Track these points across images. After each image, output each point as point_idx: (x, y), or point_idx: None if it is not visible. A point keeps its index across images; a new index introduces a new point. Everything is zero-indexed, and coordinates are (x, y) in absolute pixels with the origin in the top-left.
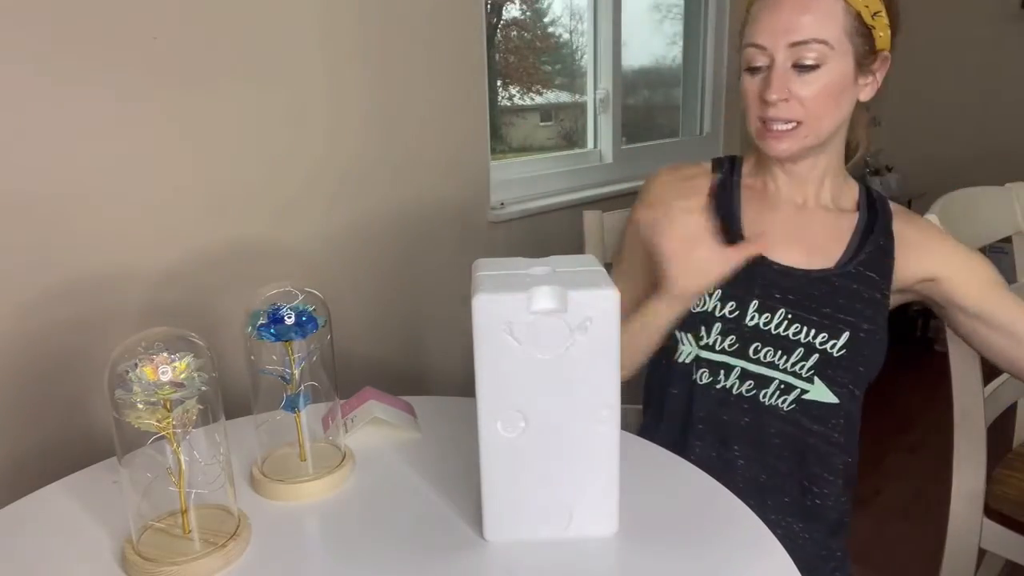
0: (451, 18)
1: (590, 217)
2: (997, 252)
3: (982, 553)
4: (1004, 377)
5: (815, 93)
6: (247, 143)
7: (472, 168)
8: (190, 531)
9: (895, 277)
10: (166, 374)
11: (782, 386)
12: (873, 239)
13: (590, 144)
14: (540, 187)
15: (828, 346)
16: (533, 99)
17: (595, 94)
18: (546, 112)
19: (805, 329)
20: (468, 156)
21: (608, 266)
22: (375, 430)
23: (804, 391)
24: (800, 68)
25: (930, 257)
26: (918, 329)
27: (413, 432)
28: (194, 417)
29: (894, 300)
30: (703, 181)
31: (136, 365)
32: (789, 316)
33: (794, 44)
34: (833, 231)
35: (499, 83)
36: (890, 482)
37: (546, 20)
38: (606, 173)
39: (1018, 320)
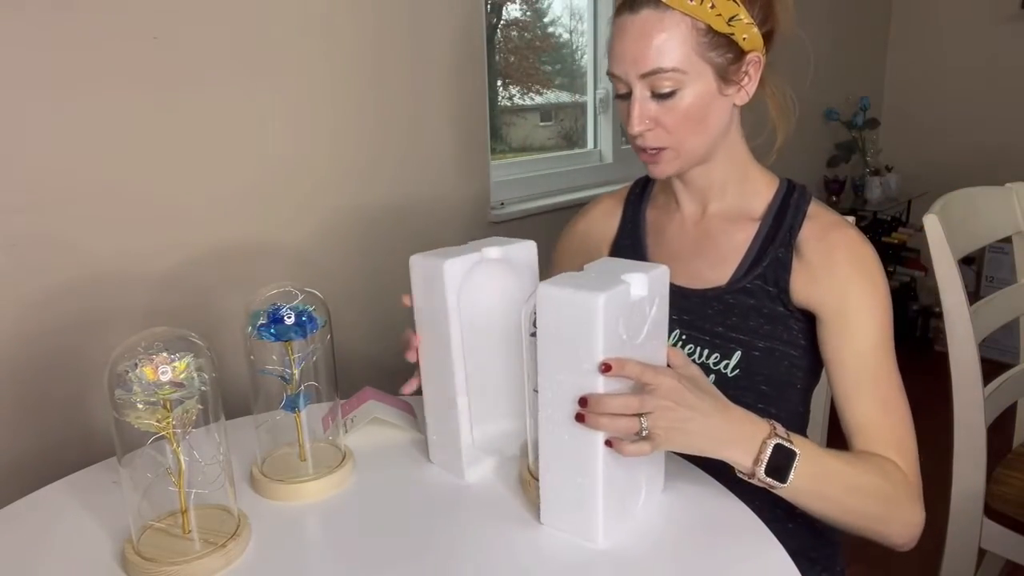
0: (451, 18)
1: None
2: (997, 252)
3: (982, 553)
4: (1004, 377)
5: (676, 119)
6: (247, 143)
7: (472, 168)
8: (190, 531)
9: (791, 287)
10: (166, 374)
11: None
12: (773, 250)
13: (590, 144)
14: (540, 187)
15: (721, 366)
16: (533, 99)
17: (595, 94)
18: (546, 112)
19: (698, 350)
20: (468, 156)
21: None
22: (375, 430)
23: None
24: (657, 96)
25: (817, 289)
26: (918, 329)
27: (413, 432)
28: (194, 417)
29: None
30: (618, 206)
31: (136, 365)
32: (683, 337)
33: (644, 75)
34: (729, 244)
35: (499, 83)
36: None
37: (546, 20)
38: (606, 173)
39: (850, 408)
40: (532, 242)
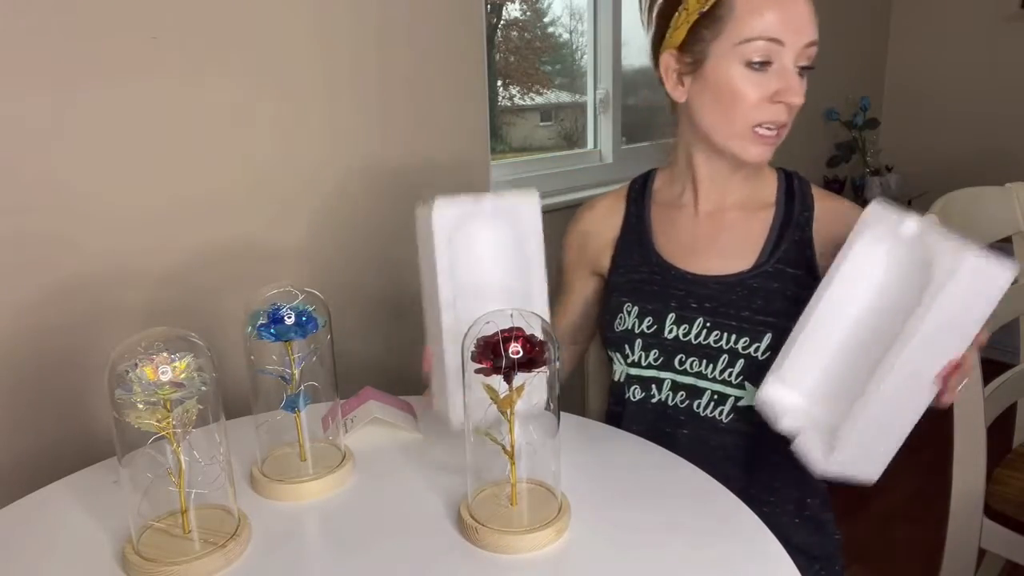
0: (451, 18)
1: None
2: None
3: (982, 553)
4: (1004, 377)
5: (802, 97)
6: (247, 143)
7: (472, 168)
8: (190, 531)
9: (818, 263)
10: (166, 374)
11: (715, 396)
12: (791, 233)
13: (590, 144)
14: (540, 187)
15: (752, 349)
16: (533, 99)
17: (595, 94)
18: (546, 112)
19: (726, 335)
20: (468, 156)
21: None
22: (375, 430)
23: (738, 398)
24: (802, 69)
25: (845, 222)
26: None
27: (413, 432)
28: (194, 417)
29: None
30: (620, 204)
31: (136, 365)
32: (708, 324)
33: (808, 44)
34: (747, 232)
35: (499, 83)
36: (889, 482)
37: (546, 20)
38: (606, 173)
39: None
40: (533, 189)
